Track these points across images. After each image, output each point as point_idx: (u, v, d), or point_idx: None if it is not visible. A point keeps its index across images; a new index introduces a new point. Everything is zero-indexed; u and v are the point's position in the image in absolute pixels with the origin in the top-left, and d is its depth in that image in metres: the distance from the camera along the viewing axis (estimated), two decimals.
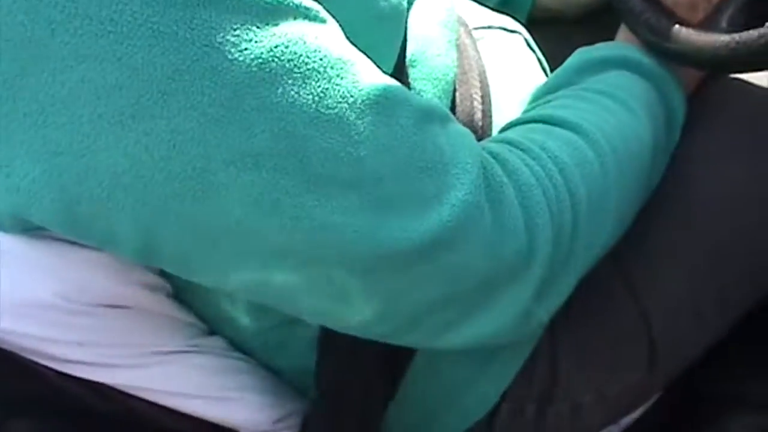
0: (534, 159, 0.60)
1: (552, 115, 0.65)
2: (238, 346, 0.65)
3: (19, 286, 0.53)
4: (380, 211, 0.51)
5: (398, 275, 0.54)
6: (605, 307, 0.71)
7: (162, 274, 0.59)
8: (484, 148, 0.59)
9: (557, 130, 0.63)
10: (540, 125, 0.65)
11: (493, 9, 0.84)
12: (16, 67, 0.45)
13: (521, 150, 0.61)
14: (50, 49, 0.44)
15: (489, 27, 0.78)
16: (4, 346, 0.56)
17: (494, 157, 0.59)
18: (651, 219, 0.71)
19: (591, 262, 0.65)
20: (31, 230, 0.53)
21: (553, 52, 0.84)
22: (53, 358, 0.56)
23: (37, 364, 0.56)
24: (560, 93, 0.69)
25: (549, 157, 0.60)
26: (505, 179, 0.57)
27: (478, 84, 0.69)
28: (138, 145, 0.46)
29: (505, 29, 0.79)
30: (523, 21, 0.86)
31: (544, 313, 0.62)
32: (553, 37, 0.87)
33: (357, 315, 0.56)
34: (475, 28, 0.75)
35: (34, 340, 0.55)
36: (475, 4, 0.82)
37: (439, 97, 0.64)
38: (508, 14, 0.84)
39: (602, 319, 0.71)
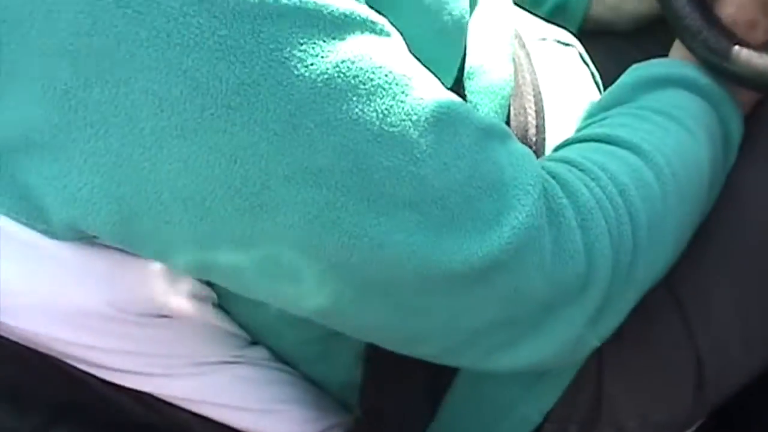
0: (594, 180, 0.59)
1: (610, 134, 0.64)
2: (281, 356, 0.64)
3: (72, 294, 0.53)
4: (440, 231, 0.50)
5: (454, 296, 0.53)
6: (655, 332, 0.70)
7: (208, 283, 0.58)
8: (542, 168, 0.58)
9: (616, 149, 0.62)
10: (598, 144, 0.63)
11: (544, 19, 0.83)
12: (80, 77, 0.44)
13: (581, 170, 0.60)
14: (115, 60, 0.43)
15: (543, 39, 0.77)
16: (51, 353, 0.55)
17: (554, 178, 0.57)
18: (702, 241, 0.70)
19: (646, 289, 0.63)
20: (83, 238, 0.52)
21: (602, 66, 0.82)
22: (99, 366, 0.56)
23: (82, 371, 0.56)
24: (616, 110, 0.68)
25: (609, 178, 0.59)
26: (565, 201, 0.56)
27: (532, 98, 0.68)
28: (199, 158, 0.45)
29: (559, 42, 0.78)
30: (574, 32, 0.84)
31: (596, 340, 0.61)
32: (603, 49, 0.85)
33: (409, 334, 0.55)
34: (530, 41, 0.74)
35: (82, 348, 0.54)
36: (530, 16, 0.80)
37: (496, 112, 0.63)
38: (560, 25, 0.82)
39: (651, 344, 0.70)
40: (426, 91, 0.50)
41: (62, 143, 0.46)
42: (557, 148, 0.66)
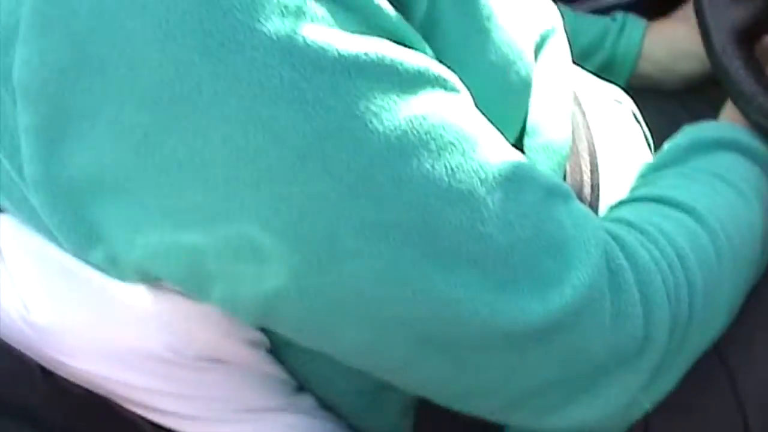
0: (652, 243, 0.59)
1: (664, 195, 0.64)
2: (329, 405, 0.64)
3: (132, 336, 0.53)
4: (502, 289, 0.50)
5: (511, 354, 0.53)
6: (703, 397, 0.69)
7: (262, 329, 0.58)
8: (602, 228, 0.58)
9: (672, 211, 0.62)
10: (654, 205, 0.63)
11: (592, 72, 0.83)
12: (158, 122, 0.44)
13: (639, 232, 0.59)
14: (195, 107, 0.44)
15: (598, 96, 0.77)
16: (100, 392, 0.55)
17: (614, 239, 0.57)
18: (753, 305, 0.69)
19: (699, 353, 0.63)
20: (146, 281, 0.52)
21: (651, 124, 0.82)
22: (154, 409, 0.56)
23: (134, 414, 0.56)
24: (669, 171, 0.68)
25: (667, 241, 0.59)
26: (624, 263, 0.56)
27: (587, 156, 0.68)
28: (270, 208, 0.45)
29: (613, 100, 0.78)
30: (621, 86, 0.85)
31: (648, 403, 0.60)
32: (651, 106, 0.85)
33: (462, 390, 0.55)
34: (585, 98, 0.74)
35: (138, 390, 0.55)
36: (586, 72, 0.81)
37: (554, 170, 0.63)
38: (607, 80, 0.83)
39: (699, 409, 0.69)
40: (493, 148, 0.51)
41: (135, 187, 0.46)
42: (612, 208, 0.66)
